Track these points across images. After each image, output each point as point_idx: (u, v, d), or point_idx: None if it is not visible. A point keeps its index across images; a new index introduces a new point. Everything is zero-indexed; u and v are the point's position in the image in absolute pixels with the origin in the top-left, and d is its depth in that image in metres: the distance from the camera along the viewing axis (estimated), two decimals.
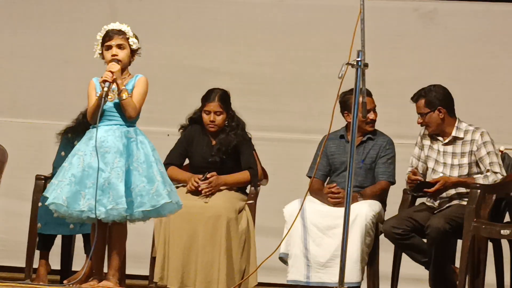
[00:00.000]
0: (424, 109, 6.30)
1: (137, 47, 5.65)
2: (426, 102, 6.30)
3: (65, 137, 7.01)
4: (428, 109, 6.29)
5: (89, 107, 5.58)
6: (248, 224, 6.49)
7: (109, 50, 5.58)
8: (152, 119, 6.09)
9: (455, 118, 6.35)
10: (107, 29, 5.62)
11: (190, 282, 6.30)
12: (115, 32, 5.61)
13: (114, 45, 5.58)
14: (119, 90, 5.52)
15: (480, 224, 5.89)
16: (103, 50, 5.62)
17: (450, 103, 6.34)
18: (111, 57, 5.56)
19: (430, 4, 8.25)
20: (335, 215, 6.21)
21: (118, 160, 5.44)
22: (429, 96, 6.30)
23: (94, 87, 5.59)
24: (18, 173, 7.12)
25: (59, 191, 5.45)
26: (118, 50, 5.58)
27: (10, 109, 8.19)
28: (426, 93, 6.32)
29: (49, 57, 8.21)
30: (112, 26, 5.63)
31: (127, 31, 5.62)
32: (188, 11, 8.26)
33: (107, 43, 5.60)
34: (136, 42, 5.64)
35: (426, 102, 6.29)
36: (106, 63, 5.60)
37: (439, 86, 6.36)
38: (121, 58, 5.57)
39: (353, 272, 6.09)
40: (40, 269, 6.94)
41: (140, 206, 5.44)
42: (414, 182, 6.24)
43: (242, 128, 6.69)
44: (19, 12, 8.33)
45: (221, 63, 8.04)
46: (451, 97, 6.35)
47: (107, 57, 5.59)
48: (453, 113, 6.35)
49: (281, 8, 8.25)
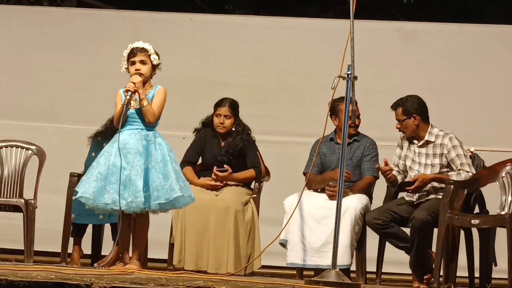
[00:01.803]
0: (401, 116, 6.31)
1: (157, 63, 5.63)
2: (403, 111, 6.30)
3: (95, 140, 7.01)
4: (405, 116, 6.30)
5: (115, 114, 5.59)
6: (253, 215, 6.49)
7: (133, 65, 5.57)
8: (170, 124, 6.09)
9: (428, 124, 6.35)
10: (132, 47, 5.62)
11: (203, 264, 6.29)
12: (138, 49, 5.60)
13: (138, 61, 5.57)
14: (140, 99, 5.51)
15: (453, 215, 5.88)
16: (128, 65, 5.61)
17: (424, 112, 6.34)
18: (135, 71, 5.56)
19: (410, 25, 8.29)
20: (328, 206, 6.21)
21: (138, 159, 5.44)
22: (406, 105, 6.30)
23: (120, 97, 5.58)
24: (55, 171, 7.13)
25: (87, 186, 5.46)
26: (141, 65, 5.57)
27: (47, 115, 8.18)
28: (403, 102, 6.32)
29: (81, 71, 8.20)
30: (136, 44, 5.62)
31: (149, 49, 5.61)
32: (201, 31, 8.27)
33: (132, 59, 5.59)
34: (156, 58, 5.62)
35: (403, 110, 6.30)
36: (130, 76, 5.58)
37: (415, 97, 6.36)
38: (143, 72, 5.56)
39: (344, 256, 6.08)
40: (74, 254, 6.96)
41: (156, 199, 5.44)
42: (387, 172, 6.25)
43: (247, 133, 6.70)
44: (55, 32, 8.33)
45: (229, 76, 8.04)
46: (425, 106, 6.34)
47: (132, 71, 5.58)
48: (427, 120, 6.35)
49: (281, 29, 8.27)
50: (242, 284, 4.26)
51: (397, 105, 6.33)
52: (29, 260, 6.42)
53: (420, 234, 6.07)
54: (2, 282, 3.72)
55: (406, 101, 6.31)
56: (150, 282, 3.93)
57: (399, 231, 6.22)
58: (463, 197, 6.01)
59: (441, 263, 5.88)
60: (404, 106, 6.29)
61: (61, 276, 4.07)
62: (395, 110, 6.33)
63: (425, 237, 6.12)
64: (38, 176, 6.76)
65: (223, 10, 11.55)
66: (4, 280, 3.74)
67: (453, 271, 5.92)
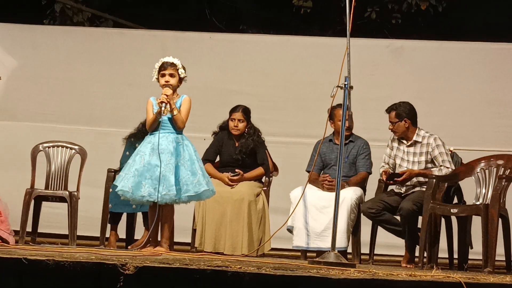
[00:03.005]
0: (394, 119, 6.30)
1: (184, 76, 5.61)
2: (396, 114, 6.29)
3: (129, 141, 7.00)
4: (397, 119, 6.29)
5: (148, 120, 5.58)
6: (263, 205, 6.48)
7: (163, 77, 5.55)
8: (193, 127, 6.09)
9: (416, 127, 6.34)
10: (163, 61, 5.59)
11: (221, 247, 6.29)
12: (169, 64, 5.57)
13: (167, 74, 5.55)
14: (171, 108, 5.50)
15: (435, 205, 5.87)
16: (159, 76, 5.60)
17: (414, 116, 6.33)
18: (164, 83, 5.55)
19: (398, 42, 8.29)
20: (328, 198, 6.20)
21: (170, 158, 5.44)
22: (399, 109, 6.29)
23: (151, 104, 5.58)
24: (94, 167, 7.13)
25: (126, 182, 5.46)
26: (170, 78, 5.55)
27: (88, 120, 8.20)
28: (397, 107, 6.31)
29: (116, 81, 8.23)
30: (167, 59, 5.59)
31: (178, 64, 5.58)
32: (219, 48, 8.28)
33: (162, 71, 5.57)
34: (183, 72, 5.60)
35: (396, 114, 6.29)
36: (160, 86, 5.58)
37: (407, 103, 6.35)
38: (172, 84, 5.55)
39: (342, 239, 6.07)
40: (111, 238, 6.96)
41: (186, 192, 5.44)
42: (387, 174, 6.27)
43: (258, 134, 6.69)
44: (94, 48, 8.35)
45: (243, 86, 8.03)
46: (415, 112, 6.34)
47: (161, 82, 5.57)
48: (415, 123, 6.34)
49: (288, 45, 8.28)
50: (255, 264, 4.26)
51: (391, 109, 6.32)
52: (73, 243, 6.44)
53: (408, 222, 6.07)
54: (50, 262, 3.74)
55: (399, 106, 6.30)
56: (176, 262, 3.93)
57: (390, 217, 6.22)
58: (444, 189, 6.00)
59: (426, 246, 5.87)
60: (397, 110, 6.28)
61: (100, 257, 4.08)
62: (389, 113, 6.32)
63: (413, 224, 6.12)
64: (80, 172, 6.78)
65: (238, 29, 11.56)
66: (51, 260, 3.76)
67: (435, 253, 5.91)
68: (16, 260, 3.78)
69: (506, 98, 7.78)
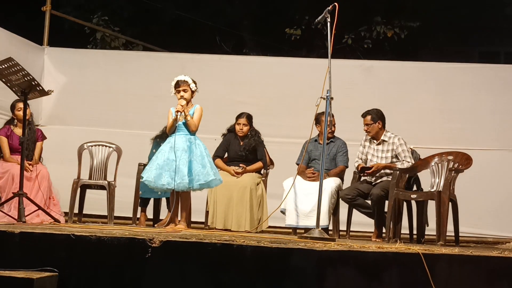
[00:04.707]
0: (369, 122, 6.28)
1: (195, 89, 5.63)
2: (371, 118, 6.28)
3: (155, 141, 7.02)
4: (372, 121, 6.27)
5: (168, 125, 5.62)
6: (262, 191, 6.48)
7: (179, 92, 5.59)
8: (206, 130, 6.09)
9: (384, 129, 6.34)
10: (177, 79, 5.62)
11: (228, 225, 6.27)
12: (181, 81, 5.60)
13: (181, 89, 5.58)
14: (185, 116, 5.53)
15: (399, 191, 5.86)
16: (175, 91, 5.63)
17: (384, 119, 6.31)
18: (180, 97, 5.58)
19: (369, 62, 8.31)
20: (313, 186, 6.19)
21: (184, 154, 5.46)
22: (372, 114, 6.28)
23: (171, 113, 5.61)
24: (128, 162, 7.12)
25: (149, 173, 5.49)
26: (183, 93, 5.58)
27: (123, 124, 8.20)
28: (371, 112, 6.30)
29: (145, 94, 8.21)
30: (179, 78, 5.61)
31: (188, 80, 5.60)
32: (227, 67, 8.27)
33: (177, 88, 5.60)
34: (194, 86, 5.62)
35: (371, 117, 6.28)
36: (177, 99, 5.60)
37: (378, 109, 6.34)
38: (185, 97, 5.57)
39: (324, 219, 6.05)
40: (141, 218, 6.97)
41: (198, 181, 5.45)
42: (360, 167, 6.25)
43: (258, 135, 6.69)
44: (128, 67, 8.37)
45: (247, 97, 8.02)
46: (384, 116, 6.33)
47: (178, 96, 5.60)
48: (384, 126, 6.33)
49: (282, 65, 8.28)
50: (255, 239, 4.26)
51: (366, 114, 6.31)
52: (111, 222, 6.45)
53: (377, 205, 6.06)
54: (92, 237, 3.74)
55: (372, 111, 6.30)
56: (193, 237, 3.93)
57: (363, 202, 6.20)
58: (406, 179, 5.98)
59: (391, 224, 5.86)
60: (371, 114, 6.28)
61: (133, 233, 4.08)
62: (364, 118, 6.30)
63: (381, 207, 6.11)
64: (116, 165, 6.80)
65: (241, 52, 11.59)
66: (94, 236, 3.75)
67: (398, 230, 5.89)
68: (66, 236, 3.78)
69: (453, 107, 7.80)
